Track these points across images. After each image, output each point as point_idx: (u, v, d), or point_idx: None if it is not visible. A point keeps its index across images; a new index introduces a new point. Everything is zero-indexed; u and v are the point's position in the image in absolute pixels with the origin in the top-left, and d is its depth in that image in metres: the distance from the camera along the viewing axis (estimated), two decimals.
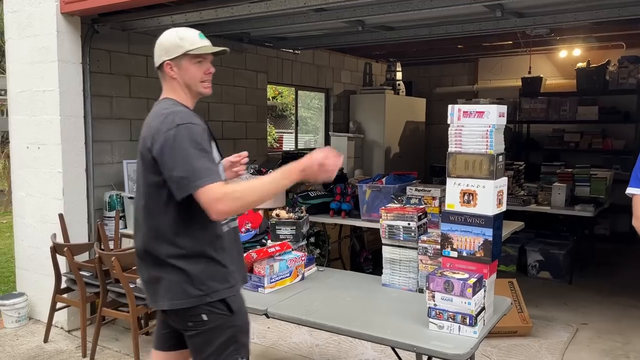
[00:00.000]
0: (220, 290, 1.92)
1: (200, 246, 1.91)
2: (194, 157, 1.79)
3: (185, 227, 1.90)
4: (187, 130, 1.82)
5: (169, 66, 1.97)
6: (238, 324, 1.97)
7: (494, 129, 2.20)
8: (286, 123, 15.06)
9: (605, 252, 6.56)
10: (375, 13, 4.02)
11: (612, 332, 4.19)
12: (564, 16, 4.36)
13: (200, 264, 1.91)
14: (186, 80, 1.98)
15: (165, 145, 1.82)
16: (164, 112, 1.90)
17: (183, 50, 1.95)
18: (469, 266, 2.28)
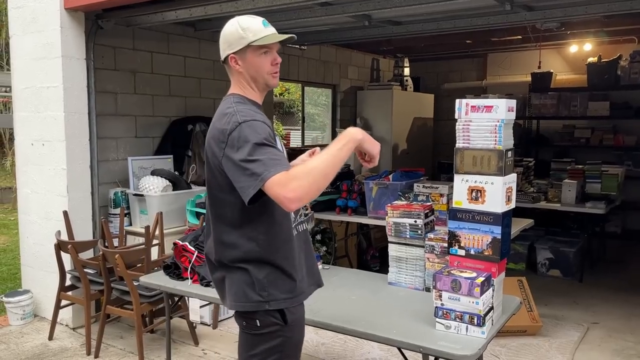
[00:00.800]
0: (279, 300, 1.84)
1: (266, 253, 1.84)
2: (259, 154, 1.67)
3: (251, 233, 1.83)
4: (249, 128, 1.71)
5: (234, 60, 1.86)
6: (289, 336, 1.88)
7: (502, 124, 2.13)
8: (293, 120, 15.02)
9: (617, 249, 6.46)
10: (382, 7, 3.95)
11: (624, 332, 4.11)
12: (574, 9, 4.27)
13: (265, 269, 1.84)
14: (252, 73, 1.87)
15: (232, 146, 1.72)
16: (227, 112, 1.79)
17: (246, 42, 1.83)
18: (477, 265, 2.23)
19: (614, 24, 5.67)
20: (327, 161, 1.69)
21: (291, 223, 1.91)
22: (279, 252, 1.85)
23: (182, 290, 2.80)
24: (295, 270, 1.88)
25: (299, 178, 1.62)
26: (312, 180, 1.64)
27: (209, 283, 2.76)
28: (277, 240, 1.85)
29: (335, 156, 1.70)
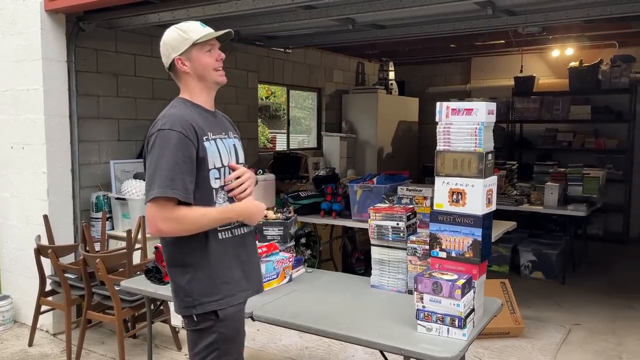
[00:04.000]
0: (205, 304, 1.90)
1: (188, 257, 1.91)
2: (159, 165, 1.80)
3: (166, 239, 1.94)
4: (163, 137, 1.83)
5: (180, 61, 1.95)
6: (223, 332, 1.93)
7: (482, 127, 2.15)
8: (279, 123, 14.98)
9: (598, 251, 6.53)
10: (365, 11, 3.97)
11: (605, 333, 4.15)
12: (555, 14, 4.33)
13: (188, 274, 1.92)
14: (199, 72, 1.96)
15: (147, 148, 1.88)
16: (160, 115, 1.93)
17: (190, 42, 1.93)
18: (458, 267, 2.23)
19: (595, 28, 5.74)
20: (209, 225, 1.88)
21: (216, 227, 1.94)
22: (201, 255, 1.91)
23: (163, 295, 2.77)
24: (224, 273, 1.94)
25: (179, 223, 1.81)
26: (187, 229, 1.85)
27: None
28: (199, 244, 1.90)
29: (216, 221, 1.89)
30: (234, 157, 2.02)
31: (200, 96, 1.98)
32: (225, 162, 1.96)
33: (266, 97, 13.89)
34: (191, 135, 1.85)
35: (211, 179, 1.92)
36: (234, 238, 1.98)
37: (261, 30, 5.27)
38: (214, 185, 1.92)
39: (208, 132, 1.92)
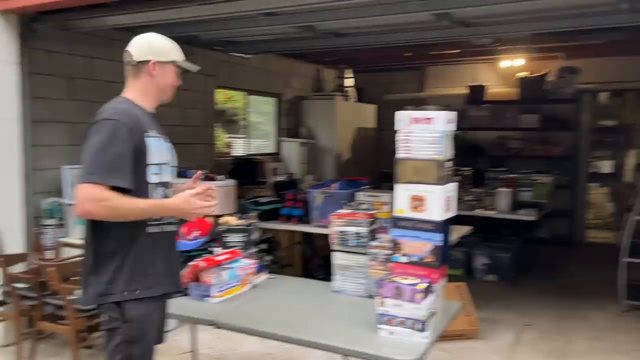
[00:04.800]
0: (116, 294, 1.96)
1: (116, 245, 1.97)
2: (100, 152, 1.86)
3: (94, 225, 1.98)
4: (108, 125, 1.91)
5: (153, 66, 2.06)
6: (128, 334, 1.97)
7: (443, 135, 2.22)
8: (235, 128, 14.89)
9: (547, 254, 6.79)
10: (325, 19, 4.04)
11: (555, 333, 4.33)
12: (507, 27, 4.51)
13: (113, 262, 1.96)
14: (161, 84, 2.10)
15: (89, 133, 1.95)
16: (105, 107, 2.00)
17: (173, 58, 2.11)
18: (419, 271, 2.29)
19: (543, 41, 6.00)
20: (139, 215, 1.95)
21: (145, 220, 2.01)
22: (126, 243, 1.97)
23: None
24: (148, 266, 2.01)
25: (108, 207, 1.85)
26: (114, 216, 1.90)
27: None
28: (125, 233, 1.96)
29: (146, 212, 1.96)
30: (172, 159, 2.16)
31: (148, 101, 2.11)
32: (164, 161, 2.08)
33: (224, 102, 13.80)
34: (136, 129, 1.95)
35: (149, 174, 2.01)
36: (162, 234, 2.07)
37: (221, 35, 5.24)
38: (151, 180, 2.02)
39: (150, 129, 2.02)
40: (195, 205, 2.02)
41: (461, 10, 3.99)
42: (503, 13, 4.20)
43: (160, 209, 2.01)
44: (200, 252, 2.99)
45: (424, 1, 3.53)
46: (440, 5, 3.67)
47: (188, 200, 2.01)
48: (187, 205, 2.00)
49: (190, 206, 2.00)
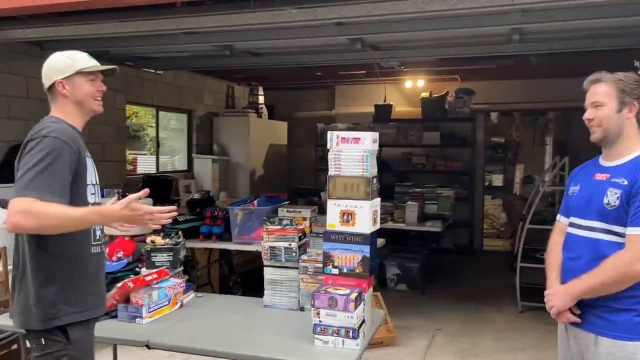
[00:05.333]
0: (65, 315, 1.92)
1: (58, 266, 1.93)
2: (39, 169, 1.82)
3: (44, 243, 1.91)
4: (48, 143, 1.87)
5: (61, 84, 2.03)
6: (72, 355, 1.95)
7: (369, 154, 2.39)
8: (139, 144, 14.38)
9: (451, 263, 7.28)
10: (245, 39, 4.12)
11: (463, 335, 4.67)
12: (414, 52, 4.88)
13: (54, 285, 1.91)
14: (78, 97, 2.05)
15: (26, 152, 1.89)
16: (41, 126, 1.96)
17: (76, 69, 2.04)
18: (349, 282, 2.42)
19: (443, 65, 6.51)
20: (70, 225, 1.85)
21: (90, 239, 2.03)
22: (73, 266, 1.95)
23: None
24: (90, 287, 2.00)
25: (38, 216, 1.77)
26: (46, 224, 1.80)
27: None
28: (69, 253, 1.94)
29: (78, 221, 1.86)
30: (97, 177, 2.14)
31: (75, 119, 2.08)
32: (97, 181, 2.10)
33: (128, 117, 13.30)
34: (75, 148, 1.94)
35: (88, 194, 2.01)
36: (100, 254, 2.08)
37: (133, 51, 5.14)
38: (90, 200, 2.02)
39: (84, 150, 2.03)
40: (141, 211, 1.91)
41: (373, 36, 4.26)
42: (409, 40, 4.54)
43: (98, 217, 1.92)
44: (125, 273, 2.92)
45: (340, 27, 3.74)
46: (355, 31, 3.91)
47: (130, 205, 1.89)
48: (130, 211, 1.89)
49: (133, 212, 1.89)
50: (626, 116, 1.98)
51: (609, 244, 1.94)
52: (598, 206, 1.97)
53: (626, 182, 1.92)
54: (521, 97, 7.74)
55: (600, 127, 2.00)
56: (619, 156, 2.01)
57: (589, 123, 2.03)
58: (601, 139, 2.02)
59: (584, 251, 2.01)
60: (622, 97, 1.97)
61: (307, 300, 2.70)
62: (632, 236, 1.88)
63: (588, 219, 2.01)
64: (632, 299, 1.89)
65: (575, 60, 5.51)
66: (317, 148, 8.65)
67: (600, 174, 2.03)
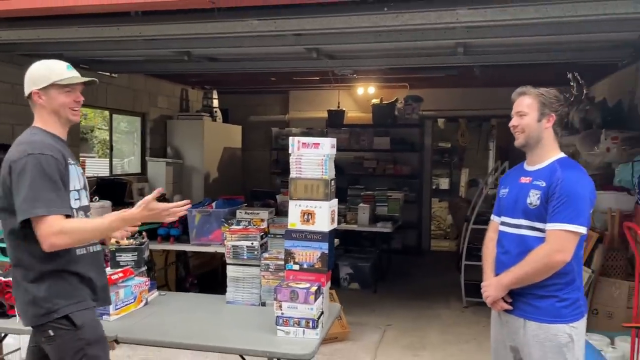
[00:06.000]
0: (64, 307, 2.03)
1: (47, 265, 2.03)
2: (38, 186, 1.94)
3: (33, 249, 2.00)
4: (35, 160, 1.97)
5: (37, 95, 2.12)
6: (85, 337, 2.06)
7: (327, 158, 2.58)
8: (87, 146, 14.07)
9: (400, 263, 7.58)
10: (205, 46, 4.23)
11: (412, 330, 4.94)
12: (366, 61, 5.13)
13: (45, 283, 2.03)
14: (54, 108, 2.13)
15: (14, 172, 1.98)
16: (22, 141, 2.05)
17: (50, 81, 2.11)
18: (309, 277, 2.60)
19: (393, 73, 6.81)
20: (98, 234, 2.14)
21: None
22: (61, 263, 2.06)
23: (8, 329, 2.64)
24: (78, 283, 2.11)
25: (69, 235, 1.96)
26: (77, 241, 2.04)
27: None
28: (61, 255, 2.05)
29: (107, 229, 2.11)
30: (86, 183, 2.25)
31: (54, 128, 2.16)
32: (82, 186, 2.18)
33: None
34: (60, 158, 2.04)
35: (72, 199, 2.10)
36: (87, 254, 2.17)
37: (89, 54, 5.15)
38: (73, 205, 2.11)
39: (68, 157, 2.12)
40: (159, 209, 2.10)
41: (329, 46, 4.47)
42: (363, 50, 4.78)
43: (123, 222, 2.10)
44: None
45: (298, 37, 3.92)
46: (312, 41, 4.11)
47: (149, 206, 2.07)
48: (148, 211, 2.08)
49: (152, 211, 2.09)
50: (545, 126, 2.25)
51: (534, 239, 2.21)
52: (523, 206, 2.24)
53: (544, 184, 2.19)
54: (466, 105, 8.16)
55: (523, 134, 2.27)
56: (540, 161, 2.29)
57: (514, 130, 2.30)
58: (523, 144, 2.29)
59: (513, 246, 2.28)
60: (543, 109, 2.24)
61: (268, 295, 2.87)
62: (550, 231, 2.15)
63: (515, 217, 2.29)
64: (554, 287, 2.18)
65: (515, 71, 5.94)
66: (271, 152, 8.80)
67: (524, 177, 2.30)
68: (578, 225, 2.13)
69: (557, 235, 2.13)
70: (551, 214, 2.15)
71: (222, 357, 3.87)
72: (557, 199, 2.14)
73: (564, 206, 2.13)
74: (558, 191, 2.15)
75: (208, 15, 3.37)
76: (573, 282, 2.20)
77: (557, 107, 2.27)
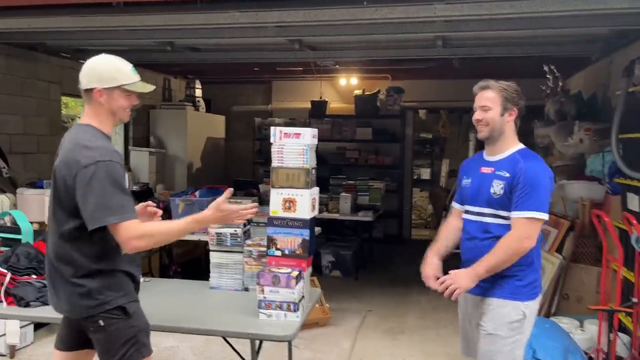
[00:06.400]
0: (114, 299, 2.09)
1: (98, 265, 2.07)
2: (109, 193, 1.96)
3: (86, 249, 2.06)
4: (106, 168, 1.98)
5: (99, 93, 2.08)
6: (137, 325, 2.14)
7: (309, 148, 2.68)
8: None
9: (381, 251, 7.71)
10: (188, 37, 4.27)
11: (392, 315, 5.08)
12: (348, 52, 5.22)
13: (96, 279, 2.07)
14: (113, 108, 2.12)
15: (83, 179, 1.97)
16: (86, 145, 2.02)
17: (118, 83, 2.09)
18: (290, 262, 2.71)
19: (375, 64, 6.90)
20: (176, 237, 2.22)
21: None
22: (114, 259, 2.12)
23: None
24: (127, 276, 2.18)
25: (150, 238, 2.06)
26: (157, 243, 2.29)
27: (28, 303, 2.72)
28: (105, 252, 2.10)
29: (183, 231, 2.17)
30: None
31: (107, 126, 2.15)
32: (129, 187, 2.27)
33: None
34: (122, 163, 2.08)
35: None
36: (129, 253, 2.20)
37: (71, 43, 5.15)
38: None
39: None
40: (229, 211, 2.23)
41: (310, 38, 4.54)
42: (344, 42, 4.86)
43: (197, 224, 2.20)
44: None
45: (280, 29, 3.99)
46: (294, 33, 4.18)
47: (220, 207, 2.20)
48: (221, 213, 2.21)
49: (223, 213, 2.21)
50: (507, 119, 2.35)
51: (496, 226, 2.34)
52: (486, 195, 2.35)
53: (508, 175, 2.30)
54: (447, 96, 8.26)
55: (487, 127, 2.36)
56: (500, 152, 2.39)
57: (478, 123, 2.39)
58: (487, 137, 2.39)
59: (477, 232, 2.41)
60: (505, 103, 2.33)
61: (251, 281, 2.96)
62: (516, 219, 2.27)
63: (478, 206, 2.40)
64: (517, 267, 2.31)
65: (494, 63, 6.06)
66: (254, 142, 8.84)
67: (486, 168, 2.40)
68: (542, 212, 2.25)
69: (523, 222, 2.25)
70: (516, 203, 2.26)
71: (206, 339, 3.99)
72: (521, 188, 2.25)
73: (529, 195, 2.24)
74: (522, 181, 2.25)
75: (191, 7, 3.42)
76: (532, 264, 2.35)
77: (518, 101, 2.36)
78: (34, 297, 2.73)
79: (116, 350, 2.08)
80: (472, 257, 2.38)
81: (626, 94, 3.68)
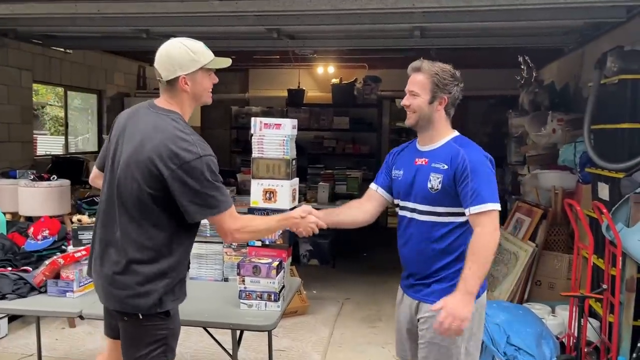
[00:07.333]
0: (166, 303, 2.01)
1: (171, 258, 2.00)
2: (214, 186, 1.95)
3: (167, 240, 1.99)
4: (207, 161, 1.94)
5: (184, 80, 2.01)
6: (172, 327, 2.07)
7: (289, 139, 2.69)
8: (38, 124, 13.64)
9: (357, 240, 7.76)
10: (165, 25, 4.21)
11: (369, 303, 5.15)
12: (326, 42, 5.21)
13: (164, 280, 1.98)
14: (197, 92, 2.06)
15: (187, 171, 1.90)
16: (180, 136, 1.94)
17: (200, 65, 2.02)
18: (271, 253, 2.72)
19: (352, 53, 6.91)
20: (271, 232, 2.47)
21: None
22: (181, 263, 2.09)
23: None
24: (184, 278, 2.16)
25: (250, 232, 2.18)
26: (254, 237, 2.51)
27: (4, 296, 2.68)
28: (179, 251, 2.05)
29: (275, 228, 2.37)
30: None
31: (188, 113, 2.10)
32: None
33: None
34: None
35: None
36: None
37: (42, 30, 5.02)
38: None
39: None
40: (310, 220, 2.29)
41: (289, 27, 4.52)
42: (323, 31, 4.85)
43: (285, 223, 2.33)
44: (51, 251, 3.02)
45: (259, 18, 3.96)
46: (273, 22, 4.15)
47: (305, 211, 2.31)
48: (302, 220, 2.29)
49: (304, 220, 2.29)
50: (436, 108, 2.16)
51: (433, 224, 2.14)
52: (422, 190, 2.15)
53: (446, 167, 2.10)
54: None
55: (415, 114, 2.17)
56: (431, 142, 2.20)
57: (406, 109, 2.21)
58: (414, 124, 2.20)
59: (413, 234, 2.22)
60: (435, 90, 2.13)
61: (231, 271, 2.97)
62: (478, 214, 2.03)
63: (413, 201, 2.19)
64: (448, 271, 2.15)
65: (470, 54, 6.12)
66: (231, 130, 8.79)
67: (420, 159, 2.20)
68: (497, 202, 2.07)
69: (486, 216, 2.03)
70: (471, 198, 2.05)
71: (185, 330, 3.97)
72: (471, 181, 2.05)
73: (481, 187, 2.05)
74: (470, 174, 2.06)
75: None
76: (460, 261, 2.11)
77: (451, 89, 2.16)
78: (9, 289, 2.69)
79: (143, 346, 2.00)
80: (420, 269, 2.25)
81: (598, 86, 3.77)
